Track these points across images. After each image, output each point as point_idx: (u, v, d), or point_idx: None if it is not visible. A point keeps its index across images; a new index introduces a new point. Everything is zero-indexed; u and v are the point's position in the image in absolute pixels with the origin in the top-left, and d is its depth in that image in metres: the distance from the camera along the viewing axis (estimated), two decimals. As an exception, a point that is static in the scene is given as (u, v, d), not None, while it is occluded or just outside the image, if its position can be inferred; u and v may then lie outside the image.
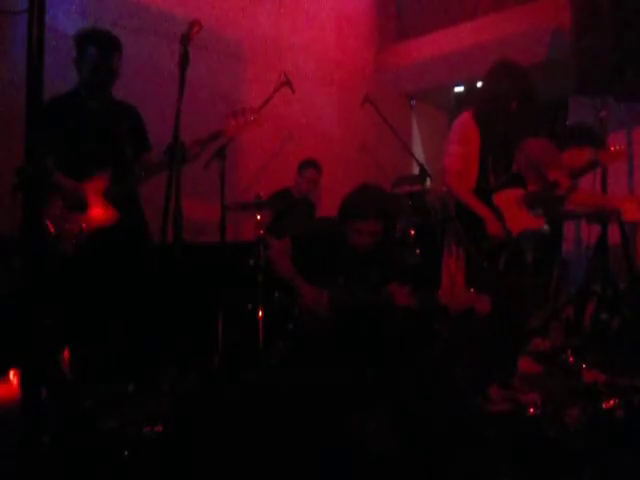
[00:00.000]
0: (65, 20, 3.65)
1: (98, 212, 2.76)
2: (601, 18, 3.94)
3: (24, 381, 1.80)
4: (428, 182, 4.41)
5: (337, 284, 2.75)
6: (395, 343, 2.74)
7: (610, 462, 2.12)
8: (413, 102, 6.41)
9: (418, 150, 6.44)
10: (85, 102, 2.83)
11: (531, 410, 2.66)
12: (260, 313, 3.30)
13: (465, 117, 2.93)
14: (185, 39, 2.26)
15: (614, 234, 4.06)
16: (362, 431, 2.27)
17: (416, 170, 4.42)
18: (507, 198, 2.86)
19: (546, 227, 2.99)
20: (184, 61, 2.25)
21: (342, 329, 2.70)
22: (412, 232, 4.18)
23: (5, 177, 2.63)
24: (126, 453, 2.06)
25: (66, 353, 2.64)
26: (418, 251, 4.11)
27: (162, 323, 2.40)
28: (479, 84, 3.11)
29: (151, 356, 2.58)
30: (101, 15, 3.93)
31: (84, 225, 2.70)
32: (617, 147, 3.10)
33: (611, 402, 2.64)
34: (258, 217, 3.70)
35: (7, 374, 2.52)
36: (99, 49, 2.73)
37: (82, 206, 2.73)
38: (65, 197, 2.70)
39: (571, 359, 3.44)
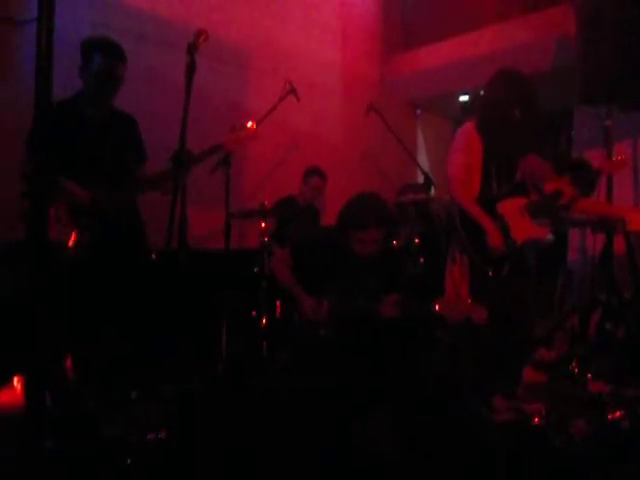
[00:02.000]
0: (72, 28, 3.68)
1: None
2: (606, 27, 3.95)
3: (28, 387, 1.80)
4: (433, 191, 4.42)
5: (337, 293, 2.75)
6: (392, 351, 2.73)
7: (615, 473, 2.10)
8: (418, 111, 6.43)
9: (423, 159, 6.45)
10: (85, 110, 2.83)
11: (536, 420, 2.65)
12: (264, 320, 3.30)
13: (468, 126, 2.94)
14: (192, 48, 2.28)
15: (619, 244, 4.05)
16: (362, 435, 2.27)
17: (421, 179, 4.44)
18: (511, 207, 2.86)
19: (550, 236, 2.98)
20: (191, 70, 2.26)
21: (341, 338, 2.69)
22: (417, 240, 4.18)
23: (12, 184, 2.65)
24: (129, 459, 2.06)
25: (69, 359, 2.64)
26: (422, 259, 4.11)
27: (166, 329, 2.40)
28: (482, 93, 3.12)
29: (155, 362, 2.59)
30: (108, 23, 3.97)
31: (87, 232, 2.70)
32: (621, 156, 3.09)
33: (616, 413, 2.62)
34: (262, 225, 3.71)
35: (11, 380, 2.53)
36: (105, 57, 2.75)
37: (87, 212, 2.73)
38: (71, 202, 2.69)
39: (576, 369, 3.43)
